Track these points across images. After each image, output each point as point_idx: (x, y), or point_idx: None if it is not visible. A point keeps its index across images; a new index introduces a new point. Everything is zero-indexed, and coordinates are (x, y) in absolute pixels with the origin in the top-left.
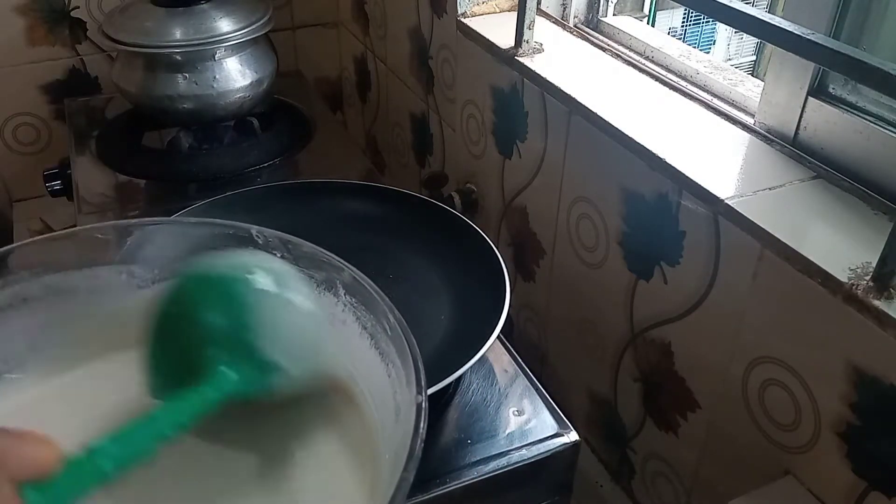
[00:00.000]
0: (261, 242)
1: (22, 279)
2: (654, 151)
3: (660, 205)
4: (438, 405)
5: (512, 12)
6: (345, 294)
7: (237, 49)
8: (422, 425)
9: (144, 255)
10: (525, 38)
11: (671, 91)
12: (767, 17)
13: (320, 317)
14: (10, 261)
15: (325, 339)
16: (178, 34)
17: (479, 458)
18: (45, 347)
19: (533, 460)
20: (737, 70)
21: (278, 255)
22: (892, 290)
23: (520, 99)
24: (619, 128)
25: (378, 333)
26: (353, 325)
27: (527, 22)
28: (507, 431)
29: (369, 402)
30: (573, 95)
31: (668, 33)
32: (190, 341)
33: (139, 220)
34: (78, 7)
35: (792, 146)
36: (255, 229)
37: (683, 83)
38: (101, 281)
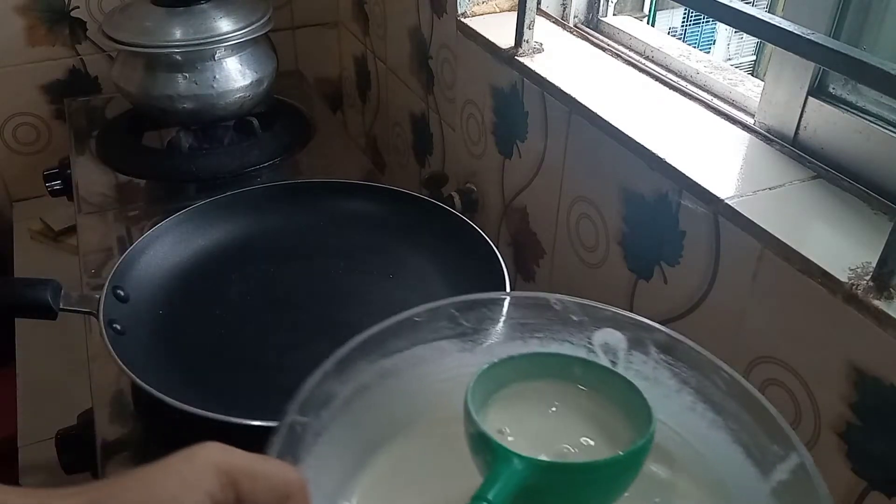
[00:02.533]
0: (559, 309)
1: (361, 368)
2: (654, 151)
3: (660, 205)
4: None
5: (512, 12)
6: (657, 352)
7: (237, 49)
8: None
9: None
10: (525, 37)
11: (671, 91)
12: (767, 17)
13: None
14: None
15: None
16: (178, 34)
17: None
18: (376, 429)
19: None
20: (737, 70)
21: (575, 318)
22: (892, 290)
23: (520, 99)
24: (619, 128)
25: (707, 388)
26: (668, 381)
27: (527, 22)
28: None
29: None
30: (573, 95)
31: (668, 33)
32: None
33: (468, 297)
34: (78, 7)
35: (792, 146)
36: (553, 298)
37: (683, 83)
38: (424, 357)
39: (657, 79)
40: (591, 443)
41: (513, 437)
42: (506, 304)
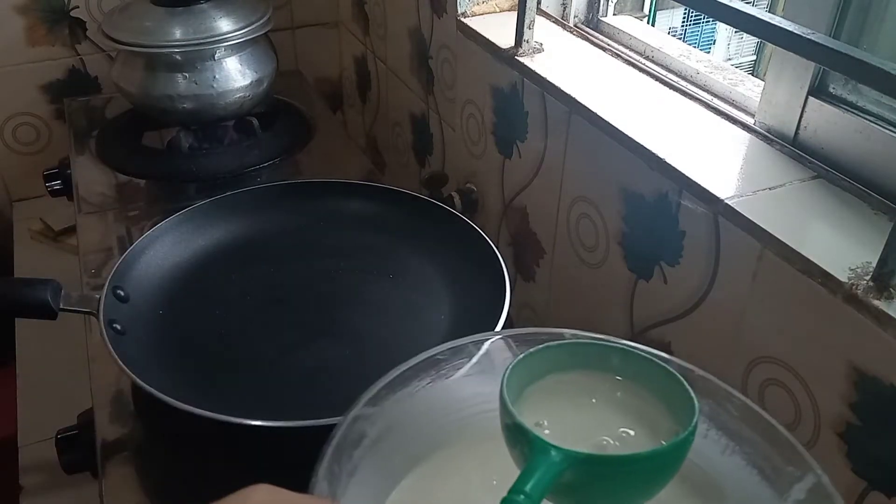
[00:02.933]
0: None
1: (389, 406)
2: (654, 151)
3: (660, 205)
4: None
5: (512, 12)
6: None
7: (237, 49)
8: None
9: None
10: (525, 37)
11: (671, 91)
12: (767, 17)
13: None
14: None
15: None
16: (178, 34)
17: None
18: (400, 462)
19: None
20: (737, 70)
21: None
22: (892, 290)
23: (520, 99)
24: (619, 128)
25: (719, 416)
26: None
27: (527, 22)
28: None
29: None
30: (573, 95)
31: (668, 33)
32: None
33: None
34: (78, 7)
35: (792, 146)
36: (568, 333)
37: (683, 83)
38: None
39: (657, 79)
40: (632, 433)
41: (550, 430)
42: (486, 343)
